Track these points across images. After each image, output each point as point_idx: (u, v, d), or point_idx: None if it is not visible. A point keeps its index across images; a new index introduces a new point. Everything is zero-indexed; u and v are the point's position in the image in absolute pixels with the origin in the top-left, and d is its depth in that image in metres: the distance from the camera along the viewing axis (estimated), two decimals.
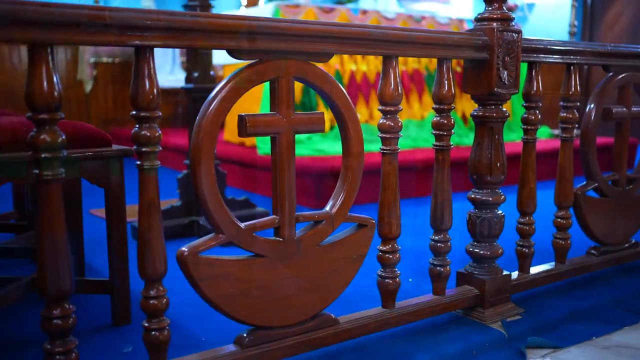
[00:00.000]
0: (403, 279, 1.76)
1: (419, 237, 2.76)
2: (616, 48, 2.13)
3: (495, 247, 1.90)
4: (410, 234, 2.81)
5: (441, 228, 1.79)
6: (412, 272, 2.30)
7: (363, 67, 4.73)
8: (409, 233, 2.82)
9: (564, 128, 2.09)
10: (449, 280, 1.87)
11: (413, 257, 2.47)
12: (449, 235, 1.82)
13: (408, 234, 2.76)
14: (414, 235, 2.83)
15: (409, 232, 2.83)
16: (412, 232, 2.88)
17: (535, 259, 2.31)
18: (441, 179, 1.77)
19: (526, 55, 1.89)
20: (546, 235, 2.22)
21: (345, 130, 1.56)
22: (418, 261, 2.40)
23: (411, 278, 2.24)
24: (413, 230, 2.93)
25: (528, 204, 2.00)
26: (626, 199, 2.30)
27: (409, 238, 2.75)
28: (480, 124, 1.85)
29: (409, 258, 2.40)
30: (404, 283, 2.18)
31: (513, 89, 1.82)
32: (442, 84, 1.73)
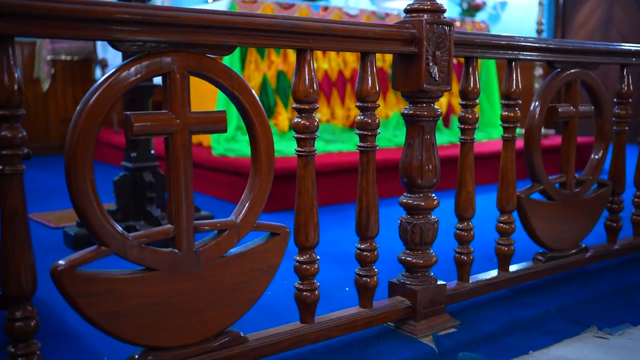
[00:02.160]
0: (348, 285, 1.64)
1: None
2: (560, 43, 2.02)
3: (429, 255, 1.77)
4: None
5: (367, 235, 1.66)
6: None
7: (324, 65, 4.60)
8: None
9: (506, 127, 1.97)
10: (384, 291, 1.75)
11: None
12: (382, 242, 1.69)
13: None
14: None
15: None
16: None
17: (481, 266, 2.20)
18: (366, 182, 1.64)
19: (461, 49, 1.77)
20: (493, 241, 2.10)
21: (252, 130, 1.42)
22: None
23: (348, 287, 2.11)
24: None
25: (466, 209, 1.88)
26: (575, 202, 2.19)
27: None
28: (411, 123, 1.73)
29: (353, 264, 2.27)
30: (340, 292, 2.06)
31: (445, 86, 1.70)
32: (366, 80, 1.60)
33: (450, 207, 1.95)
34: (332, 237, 2.84)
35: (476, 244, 1.96)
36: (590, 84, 2.18)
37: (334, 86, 4.65)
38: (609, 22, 7.45)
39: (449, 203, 2.07)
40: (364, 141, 1.63)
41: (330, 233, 2.90)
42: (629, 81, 2.32)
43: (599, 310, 1.95)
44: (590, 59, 2.14)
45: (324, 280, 2.19)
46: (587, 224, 2.26)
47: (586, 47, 2.11)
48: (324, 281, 2.18)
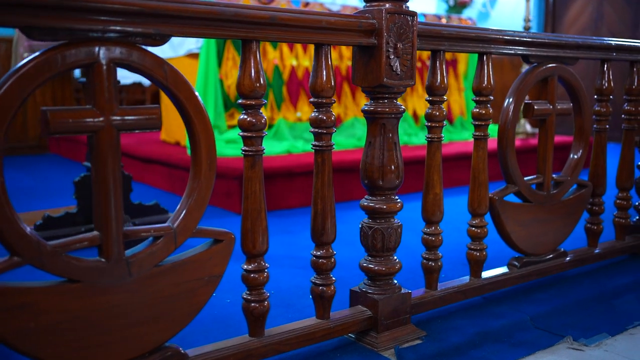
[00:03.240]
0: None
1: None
2: (535, 36, 1.91)
3: (392, 262, 1.66)
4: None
5: (322, 241, 1.55)
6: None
7: (305, 62, 4.48)
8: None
9: (477, 125, 1.86)
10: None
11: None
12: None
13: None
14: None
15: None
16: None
17: (456, 272, 2.09)
18: (321, 184, 1.53)
19: (426, 41, 1.66)
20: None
21: (191, 128, 1.30)
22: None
23: None
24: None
25: (434, 212, 1.77)
26: (552, 204, 2.08)
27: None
28: (372, 121, 1.61)
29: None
30: (303, 300, 1.94)
31: (408, 80, 1.58)
32: (320, 74, 1.49)
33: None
34: (304, 240, 2.72)
35: (452, 248, 1.85)
36: (569, 80, 2.07)
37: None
38: (599, 19, 7.36)
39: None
40: (318, 139, 1.52)
41: (303, 237, 2.78)
42: (610, 77, 2.21)
43: (576, 319, 1.84)
44: (568, 54, 2.03)
45: (289, 287, 2.07)
46: (566, 227, 2.14)
47: (563, 40, 2.00)
48: (289, 288, 2.07)
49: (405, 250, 2.28)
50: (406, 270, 2.13)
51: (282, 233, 2.83)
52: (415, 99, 5.10)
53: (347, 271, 2.12)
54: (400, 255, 2.28)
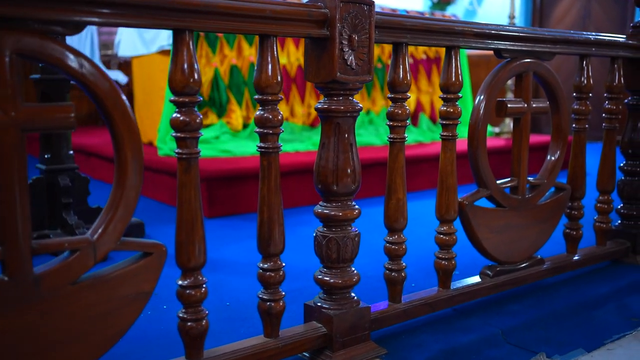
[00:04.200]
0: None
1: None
2: (508, 29, 1.77)
3: (349, 274, 1.52)
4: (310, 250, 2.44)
5: (270, 252, 1.41)
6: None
7: (282, 59, 4.34)
8: (307, 248, 2.44)
9: (445, 125, 1.72)
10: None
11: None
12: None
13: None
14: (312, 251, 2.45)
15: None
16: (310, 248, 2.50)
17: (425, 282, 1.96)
18: (267, 190, 1.39)
19: (385, 33, 1.52)
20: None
21: (112, 128, 1.16)
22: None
23: None
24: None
25: (396, 219, 1.63)
26: (528, 209, 1.95)
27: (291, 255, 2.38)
28: (325, 120, 1.47)
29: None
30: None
31: (365, 76, 1.45)
32: (265, 69, 1.35)
33: (410, 212, 1.71)
34: None
35: (426, 254, 1.72)
36: (545, 76, 1.94)
37: (293, 82, 4.39)
38: (586, 17, 7.26)
39: (410, 206, 1.83)
40: (264, 141, 1.38)
41: None
42: (589, 73, 2.09)
43: (551, 333, 1.71)
44: (544, 48, 1.90)
45: (248, 298, 1.93)
46: (543, 232, 2.02)
47: (539, 34, 1.87)
48: (247, 300, 1.92)
49: (378, 257, 2.15)
50: (376, 279, 2.01)
51: (250, 238, 2.69)
52: None
53: (306, 282, 1.99)
54: (370, 262, 2.16)
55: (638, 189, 2.33)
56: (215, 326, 1.72)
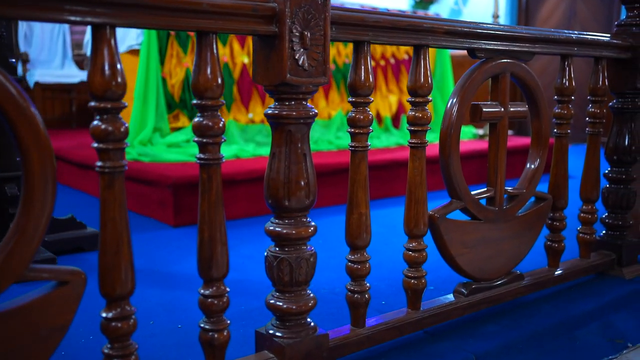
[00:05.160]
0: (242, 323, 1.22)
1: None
2: (482, 27, 1.63)
3: (304, 298, 1.37)
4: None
5: (212, 276, 1.25)
6: None
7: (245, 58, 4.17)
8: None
9: (413, 132, 1.57)
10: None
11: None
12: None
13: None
14: None
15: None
16: None
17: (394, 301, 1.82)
18: (207, 205, 1.23)
19: (344, 30, 1.37)
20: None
21: (16, 138, 1.00)
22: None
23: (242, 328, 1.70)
24: None
25: (359, 235, 1.48)
26: (506, 221, 1.81)
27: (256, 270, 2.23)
28: (276, 127, 1.32)
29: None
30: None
31: (319, 77, 1.29)
32: (203, 70, 1.19)
33: (388, 219, 1.56)
34: (240, 258, 2.42)
35: (399, 269, 1.58)
36: (523, 78, 1.80)
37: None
38: (572, 17, 7.15)
39: (389, 212, 1.68)
40: (203, 151, 1.22)
41: (241, 253, 2.49)
42: (571, 75, 1.95)
43: (530, 357, 1.57)
44: (522, 47, 1.75)
45: None
46: (522, 246, 1.87)
47: (516, 32, 1.72)
48: None
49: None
50: (343, 297, 1.86)
51: None
52: (378, 99, 4.83)
53: None
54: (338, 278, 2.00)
55: (623, 197, 2.19)
56: (158, 353, 1.56)
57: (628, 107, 2.16)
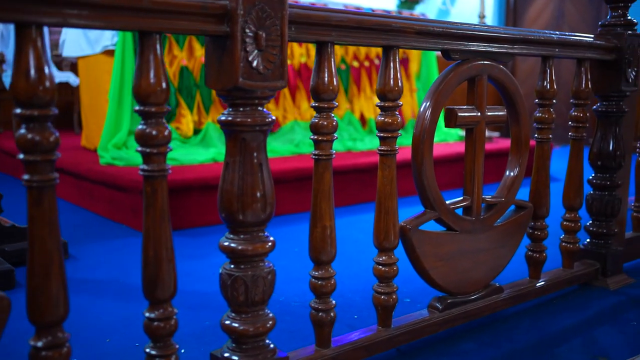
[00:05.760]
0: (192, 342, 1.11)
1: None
2: (457, 27, 1.53)
3: (261, 319, 1.26)
4: None
5: (158, 298, 1.15)
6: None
7: None
8: None
9: (383, 138, 1.48)
10: None
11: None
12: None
13: None
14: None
15: None
16: None
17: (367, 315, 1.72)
18: (152, 221, 1.13)
19: (304, 30, 1.27)
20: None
21: None
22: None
23: (184, 349, 1.60)
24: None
25: (323, 249, 1.38)
26: (484, 231, 1.72)
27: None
28: (230, 135, 1.22)
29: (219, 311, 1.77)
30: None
31: (276, 81, 1.20)
32: (145, 74, 1.10)
33: (369, 224, 1.48)
34: (213, 268, 2.31)
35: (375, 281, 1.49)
36: (502, 81, 1.71)
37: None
38: (560, 18, 7.09)
39: (370, 217, 1.59)
40: (148, 162, 1.12)
41: (215, 263, 2.39)
42: (552, 77, 1.86)
43: None
44: (500, 48, 1.66)
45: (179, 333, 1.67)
46: (501, 257, 1.78)
47: (493, 33, 1.63)
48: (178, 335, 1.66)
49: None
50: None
51: (189, 259, 2.42)
52: (362, 101, 4.73)
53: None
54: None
55: (608, 205, 2.11)
56: None
57: (613, 110, 2.08)
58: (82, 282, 2.21)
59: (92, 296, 2.05)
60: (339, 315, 1.83)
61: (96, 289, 2.11)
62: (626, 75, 2.02)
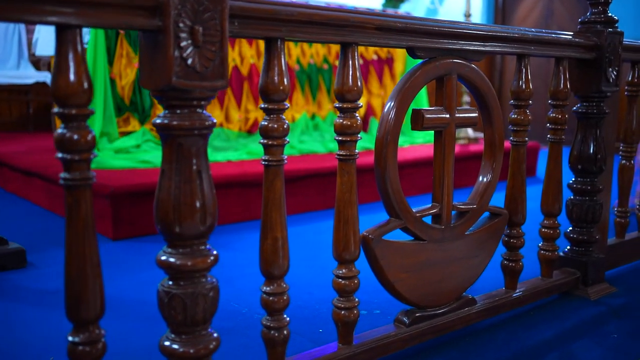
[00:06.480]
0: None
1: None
2: (418, 23, 1.43)
3: (204, 340, 1.16)
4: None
5: (82, 319, 1.04)
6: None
7: None
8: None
9: (342, 142, 1.38)
10: None
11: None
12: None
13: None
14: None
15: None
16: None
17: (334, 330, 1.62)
18: (74, 235, 1.02)
19: (251, 25, 1.17)
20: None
21: None
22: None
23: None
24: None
25: (274, 262, 1.28)
26: (453, 240, 1.62)
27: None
28: (166, 140, 1.11)
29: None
30: None
31: (215, 81, 1.09)
32: (64, 72, 0.99)
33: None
34: None
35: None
36: (472, 80, 1.61)
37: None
38: (549, 17, 7.01)
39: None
40: (69, 170, 1.01)
41: None
42: (528, 77, 1.76)
43: None
44: (470, 46, 1.56)
45: (121, 351, 1.57)
46: (474, 267, 1.68)
47: (461, 29, 1.53)
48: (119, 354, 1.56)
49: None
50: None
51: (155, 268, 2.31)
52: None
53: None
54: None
55: (589, 210, 2.01)
56: None
57: (593, 111, 1.98)
58: (39, 292, 2.10)
59: (47, 308, 1.94)
60: (303, 328, 1.73)
61: (54, 301, 2.00)
62: (607, 75, 1.92)
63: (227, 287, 2.09)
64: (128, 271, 2.33)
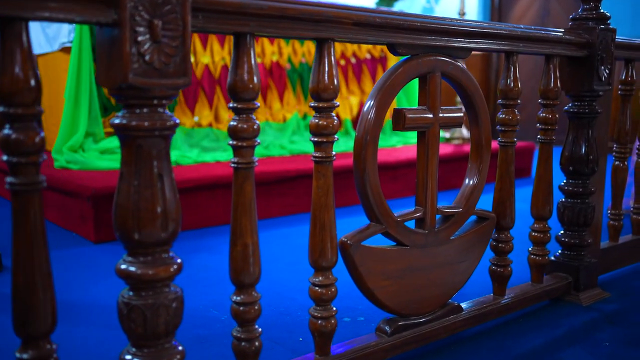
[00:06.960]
0: None
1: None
2: (399, 18, 1.37)
3: (167, 354, 1.09)
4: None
5: (29, 333, 0.97)
6: None
7: (205, 59, 3.90)
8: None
9: (318, 143, 1.31)
10: None
11: None
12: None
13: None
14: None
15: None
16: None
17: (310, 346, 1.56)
18: (22, 243, 0.95)
19: (217, 19, 1.10)
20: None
21: None
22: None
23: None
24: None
25: (243, 270, 1.21)
26: (437, 245, 1.55)
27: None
28: (125, 141, 1.04)
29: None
30: None
31: (176, 78, 1.02)
32: (7, 68, 0.92)
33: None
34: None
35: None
36: (457, 78, 1.54)
37: (217, 84, 3.95)
38: (545, 16, 6.95)
39: (339, 224, 1.42)
40: (15, 174, 0.94)
41: None
42: (517, 75, 1.69)
43: None
44: (454, 43, 1.50)
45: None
46: (460, 273, 1.62)
47: (446, 26, 1.46)
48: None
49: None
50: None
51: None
52: (338, 100, 4.55)
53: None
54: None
55: (580, 213, 1.95)
56: None
57: (585, 111, 1.92)
58: None
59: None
60: (283, 337, 1.66)
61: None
62: (599, 73, 1.86)
63: (209, 293, 2.03)
64: (108, 275, 2.26)
